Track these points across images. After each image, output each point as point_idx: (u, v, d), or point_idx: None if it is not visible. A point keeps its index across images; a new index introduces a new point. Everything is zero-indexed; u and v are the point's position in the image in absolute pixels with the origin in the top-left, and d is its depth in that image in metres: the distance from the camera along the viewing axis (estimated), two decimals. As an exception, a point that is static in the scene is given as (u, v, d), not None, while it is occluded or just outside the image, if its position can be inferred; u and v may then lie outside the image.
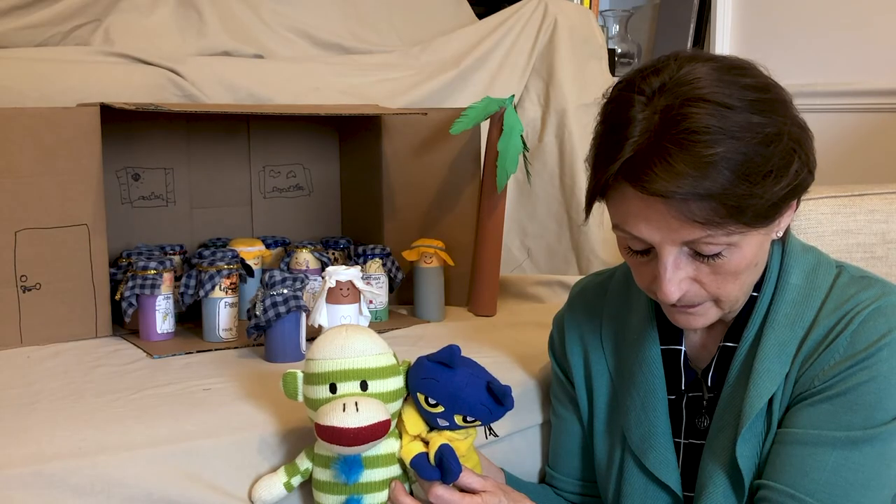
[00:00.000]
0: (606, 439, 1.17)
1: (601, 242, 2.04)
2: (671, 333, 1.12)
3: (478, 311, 1.72)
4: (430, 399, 1.06)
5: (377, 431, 1.01)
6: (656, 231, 0.95)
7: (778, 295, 1.04)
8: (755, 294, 1.06)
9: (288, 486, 1.08)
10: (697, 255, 0.96)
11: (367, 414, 1.00)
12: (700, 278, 0.98)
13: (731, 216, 0.92)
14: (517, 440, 1.29)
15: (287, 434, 1.14)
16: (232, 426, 1.13)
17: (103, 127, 1.47)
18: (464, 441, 1.08)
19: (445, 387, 1.05)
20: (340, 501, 1.05)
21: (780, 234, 1.02)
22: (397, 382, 1.07)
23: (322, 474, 1.06)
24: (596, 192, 0.98)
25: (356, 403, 1.00)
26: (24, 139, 1.42)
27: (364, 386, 1.03)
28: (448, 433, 1.07)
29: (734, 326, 1.07)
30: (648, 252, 0.98)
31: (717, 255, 0.96)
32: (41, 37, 1.90)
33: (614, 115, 0.96)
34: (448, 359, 1.06)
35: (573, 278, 1.91)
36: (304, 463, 1.08)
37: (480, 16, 2.37)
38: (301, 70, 2.00)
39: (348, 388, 1.03)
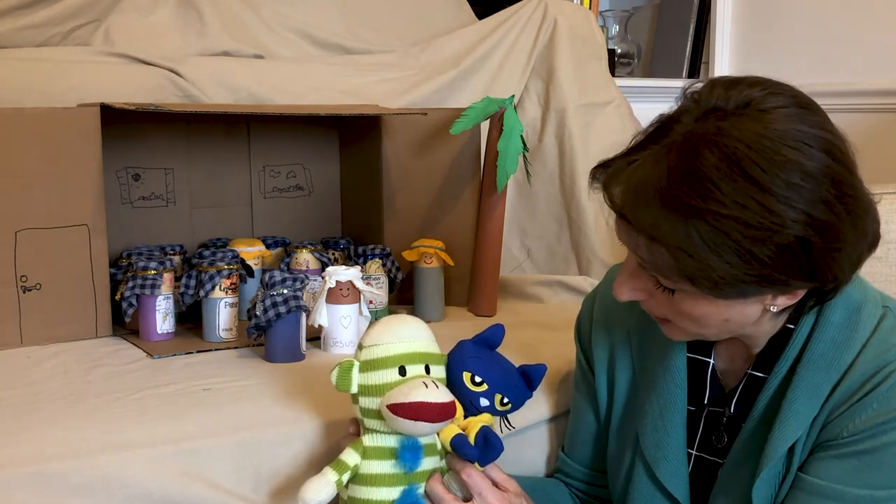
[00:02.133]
0: (620, 438, 1.15)
1: (601, 243, 2.04)
2: (700, 342, 1.07)
3: (478, 311, 1.72)
4: (476, 377, 1.07)
5: (454, 409, 1.02)
6: (626, 237, 0.94)
7: (817, 332, 0.98)
8: (791, 326, 0.99)
9: (339, 484, 1.03)
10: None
11: (445, 391, 1.02)
12: (658, 298, 0.96)
13: (676, 271, 0.88)
14: (517, 440, 1.29)
15: (287, 434, 1.14)
16: (232, 426, 1.13)
17: (103, 127, 1.47)
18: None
19: (491, 365, 1.08)
20: (397, 493, 1.03)
21: (777, 309, 0.94)
22: (444, 371, 1.08)
23: (378, 467, 1.04)
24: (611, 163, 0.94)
25: (434, 382, 1.02)
26: (24, 139, 1.41)
27: (427, 370, 1.05)
28: (487, 416, 1.08)
29: (764, 355, 1.02)
30: None
31: (671, 291, 0.93)
32: (41, 37, 1.90)
33: (676, 110, 0.92)
34: (492, 338, 1.10)
35: (573, 278, 1.91)
36: (352, 458, 1.04)
37: (480, 16, 2.37)
38: (301, 70, 2.00)
39: (416, 370, 1.04)
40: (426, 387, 1.00)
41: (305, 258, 1.66)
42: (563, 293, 1.86)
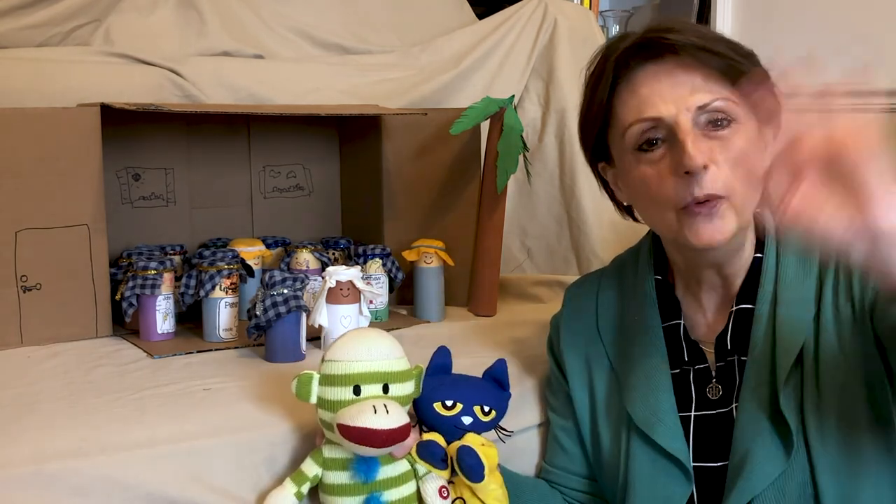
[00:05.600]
0: (611, 426, 1.17)
1: (601, 242, 2.04)
2: (669, 309, 1.15)
3: (478, 311, 1.72)
4: (446, 402, 1.10)
5: (405, 433, 1.02)
6: (671, 103, 1.02)
7: (781, 267, 1.08)
8: (759, 256, 1.09)
9: (299, 496, 1.06)
10: (708, 127, 1.02)
11: (396, 416, 1.02)
12: (714, 157, 1.01)
13: (733, 75, 1.02)
14: (516, 441, 1.28)
15: (287, 434, 1.14)
16: (232, 426, 1.13)
17: (103, 127, 1.47)
18: (491, 447, 1.10)
19: (454, 384, 1.11)
20: (360, 502, 1.05)
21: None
22: (412, 386, 1.08)
23: (337, 477, 1.06)
24: (603, 98, 1.09)
25: (385, 406, 1.01)
26: (24, 139, 1.42)
27: (386, 389, 1.04)
28: (471, 436, 1.09)
29: (745, 289, 1.09)
30: (658, 143, 1.03)
31: (726, 124, 1.02)
32: (41, 37, 1.90)
33: (600, 57, 1.12)
34: (443, 362, 1.14)
35: (573, 278, 1.90)
36: (312, 469, 1.07)
37: (480, 16, 2.37)
38: (301, 70, 2.00)
39: (372, 390, 1.04)
40: (374, 411, 1.00)
41: (305, 258, 1.66)
42: (563, 293, 1.86)
